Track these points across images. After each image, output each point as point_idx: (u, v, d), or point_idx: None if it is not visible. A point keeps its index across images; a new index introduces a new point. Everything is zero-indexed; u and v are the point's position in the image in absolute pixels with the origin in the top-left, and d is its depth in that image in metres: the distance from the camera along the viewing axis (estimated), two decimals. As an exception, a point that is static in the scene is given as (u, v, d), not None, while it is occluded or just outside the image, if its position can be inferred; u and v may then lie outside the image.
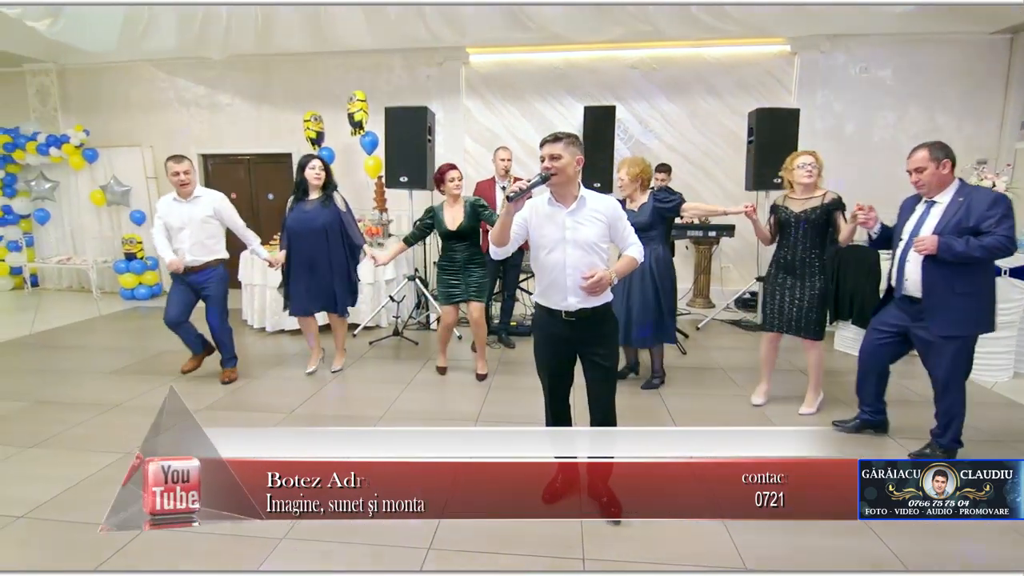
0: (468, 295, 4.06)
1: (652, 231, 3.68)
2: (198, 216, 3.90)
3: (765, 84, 6.60)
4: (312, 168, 4.03)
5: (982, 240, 2.57)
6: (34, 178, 7.75)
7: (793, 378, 4.30)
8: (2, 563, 2.16)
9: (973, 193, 2.69)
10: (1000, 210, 2.58)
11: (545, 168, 2.21)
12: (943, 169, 2.69)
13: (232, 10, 5.46)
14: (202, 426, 3.34)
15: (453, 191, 3.94)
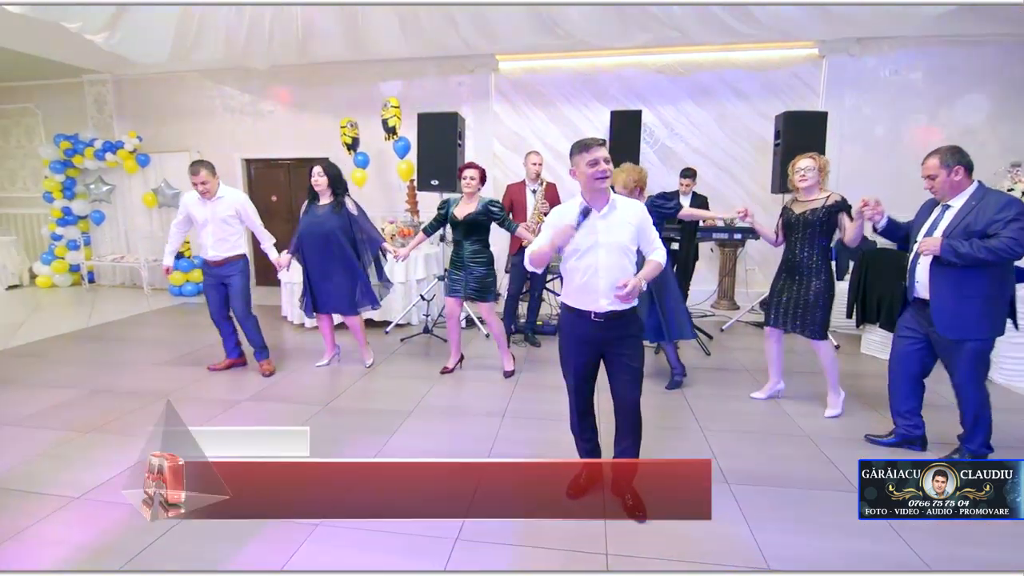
0: (467, 293, 4.08)
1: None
2: (220, 215, 4.04)
3: (792, 87, 6.45)
4: (312, 175, 4.15)
5: (987, 242, 2.49)
6: (92, 181, 8.07)
7: (816, 379, 4.18)
8: (59, 541, 2.26)
9: (987, 196, 2.61)
10: (1009, 213, 2.49)
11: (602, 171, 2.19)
12: (955, 175, 2.63)
13: (275, 22, 5.59)
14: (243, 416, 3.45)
15: (465, 188, 3.95)
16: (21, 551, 2.19)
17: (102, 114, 8.21)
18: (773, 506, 2.47)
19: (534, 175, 4.93)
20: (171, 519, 2.37)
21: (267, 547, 2.20)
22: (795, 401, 3.72)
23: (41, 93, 8.48)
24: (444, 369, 4.36)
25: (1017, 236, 2.45)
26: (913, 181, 2.88)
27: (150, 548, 2.19)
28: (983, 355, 2.71)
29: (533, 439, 3.18)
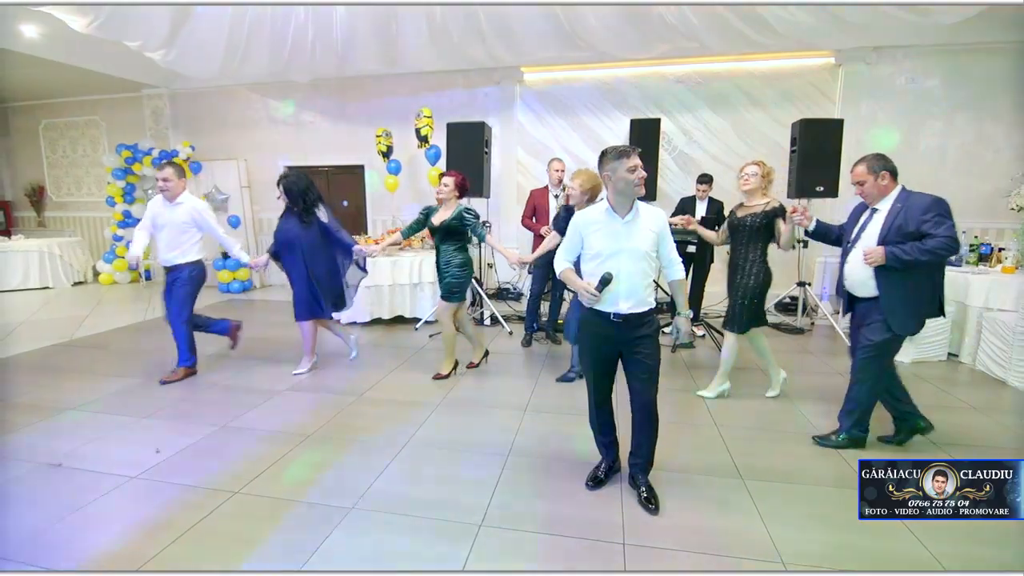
0: (441, 293, 4.05)
1: None
2: (176, 220, 3.93)
3: (808, 95, 6.29)
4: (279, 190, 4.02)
5: (925, 244, 2.57)
6: (149, 187, 8.32)
7: (830, 380, 4.08)
8: (118, 517, 2.33)
9: (910, 198, 2.69)
10: (934, 213, 2.58)
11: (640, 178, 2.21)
12: (881, 180, 2.72)
13: (316, 38, 5.68)
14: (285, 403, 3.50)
15: (437, 195, 3.96)
16: (84, 523, 2.27)
17: (159, 125, 8.47)
18: (787, 502, 2.41)
19: (556, 181, 4.92)
20: (219, 499, 2.44)
21: (304, 527, 2.24)
22: (810, 400, 3.63)
23: (105, 106, 8.79)
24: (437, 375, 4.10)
25: (951, 233, 2.54)
26: (929, 188, 2.78)
27: (199, 525, 2.25)
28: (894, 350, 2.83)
29: (553, 432, 3.16)
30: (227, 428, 3.22)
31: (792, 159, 5.32)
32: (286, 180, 4.01)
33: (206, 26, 5.38)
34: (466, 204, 4.01)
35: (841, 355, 4.72)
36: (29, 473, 2.69)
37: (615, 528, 2.23)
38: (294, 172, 4.11)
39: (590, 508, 2.38)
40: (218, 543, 2.14)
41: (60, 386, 3.92)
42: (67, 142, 9.16)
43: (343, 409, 3.50)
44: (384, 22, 5.51)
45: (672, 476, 2.61)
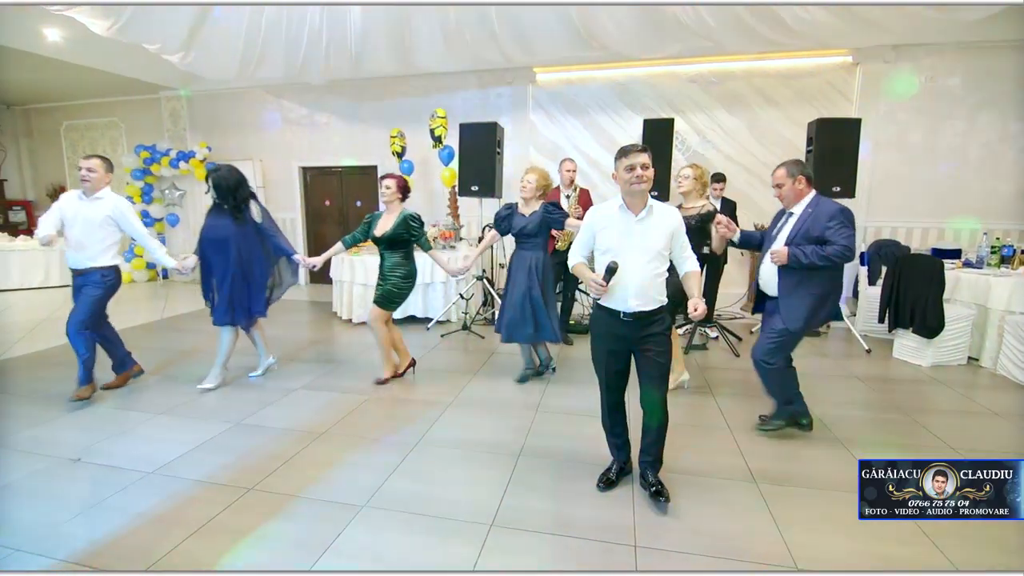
0: (375, 298, 3.87)
1: (537, 238, 3.79)
2: (95, 217, 3.47)
3: (825, 95, 6.20)
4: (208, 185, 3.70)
5: (824, 249, 2.72)
6: (167, 187, 8.47)
7: (849, 384, 4.02)
8: (135, 511, 2.37)
9: (819, 205, 2.84)
10: (837, 221, 2.74)
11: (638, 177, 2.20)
12: (798, 184, 2.86)
13: (330, 40, 5.73)
14: (299, 401, 3.54)
15: (382, 198, 3.79)
16: (102, 517, 2.31)
17: (177, 126, 8.61)
18: (801, 506, 2.38)
19: (568, 181, 4.90)
20: (233, 495, 2.48)
21: (316, 525, 2.26)
22: (827, 404, 3.57)
23: (124, 108, 8.96)
24: (377, 380, 3.95)
25: (848, 243, 2.71)
26: (950, 188, 2.74)
27: (214, 520, 2.28)
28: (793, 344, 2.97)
29: (564, 433, 3.15)
30: (241, 425, 3.26)
31: (808, 159, 5.25)
32: (215, 175, 3.67)
33: (223, 29, 5.45)
34: (410, 210, 3.84)
35: (857, 357, 4.66)
36: (49, 467, 2.75)
37: (626, 530, 2.22)
38: (225, 167, 3.75)
39: (601, 509, 2.37)
40: (232, 538, 2.17)
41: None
42: (87, 143, 9.34)
43: (355, 408, 3.52)
44: (398, 24, 5.54)
45: (684, 478, 2.59)
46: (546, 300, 3.80)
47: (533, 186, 3.75)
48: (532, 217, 3.77)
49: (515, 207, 3.90)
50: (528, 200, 3.80)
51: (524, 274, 3.77)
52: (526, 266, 3.79)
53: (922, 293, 4.33)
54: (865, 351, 4.77)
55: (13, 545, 2.11)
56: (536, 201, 3.81)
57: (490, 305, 6.05)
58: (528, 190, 3.76)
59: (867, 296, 5.33)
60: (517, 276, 3.82)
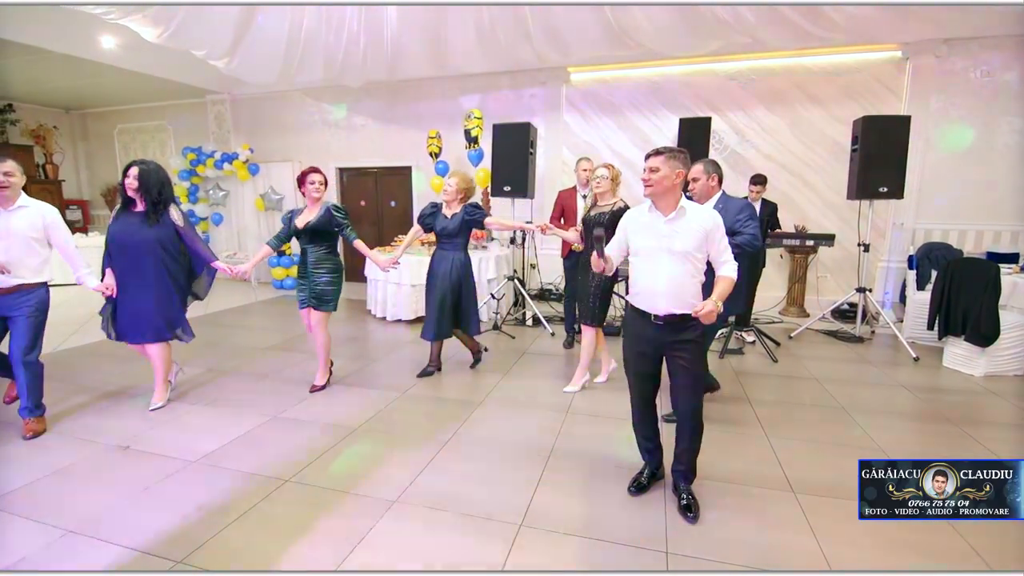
0: (309, 301, 3.66)
1: (457, 238, 3.97)
2: (20, 229, 2.96)
3: (872, 91, 5.96)
4: (128, 176, 3.24)
5: (736, 239, 2.91)
6: (211, 188, 8.79)
7: (890, 392, 3.85)
8: (178, 499, 2.47)
9: (728, 201, 3.13)
10: (745, 214, 3.06)
11: (643, 180, 2.19)
12: (711, 181, 3.13)
13: (368, 44, 5.84)
14: (334, 397, 3.61)
15: (313, 194, 3.59)
16: (148, 504, 2.41)
17: (221, 129, 8.93)
18: (842, 519, 2.29)
19: (584, 181, 4.84)
20: (270, 485, 2.55)
21: (349, 518, 2.30)
22: (869, 413, 3.44)
23: (172, 112, 9.35)
24: (313, 387, 3.81)
25: (755, 232, 3.03)
26: (1005, 188, 2.59)
27: (253, 510, 2.35)
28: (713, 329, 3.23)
29: (595, 434, 3.12)
30: (278, 419, 3.36)
31: (853, 158, 5.06)
32: (143, 166, 3.26)
33: (266, 35, 5.62)
34: (333, 202, 3.72)
35: (904, 365, 4.46)
36: (99, 453, 2.89)
37: (658, 536, 2.18)
38: (153, 162, 3.36)
39: (632, 514, 2.34)
40: (270, 528, 2.23)
41: (129, 373, 4.18)
42: (138, 145, 9.80)
43: (387, 405, 3.58)
44: (433, 25, 5.60)
45: (719, 486, 2.53)
46: (466, 296, 4.04)
47: (454, 190, 3.92)
48: (454, 219, 3.94)
49: (440, 206, 4.05)
50: (450, 203, 3.98)
51: (444, 273, 3.95)
52: (448, 265, 3.96)
53: (976, 299, 4.11)
54: (912, 359, 4.56)
55: (66, 527, 2.23)
56: (458, 204, 3.96)
57: (521, 305, 6.06)
58: (449, 194, 3.93)
59: (915, 301, 5.10)
60: (438, 275, 3.97)
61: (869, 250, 5.26)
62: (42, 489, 2.54)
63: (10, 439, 3.05)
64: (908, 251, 5.77)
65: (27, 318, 3.01)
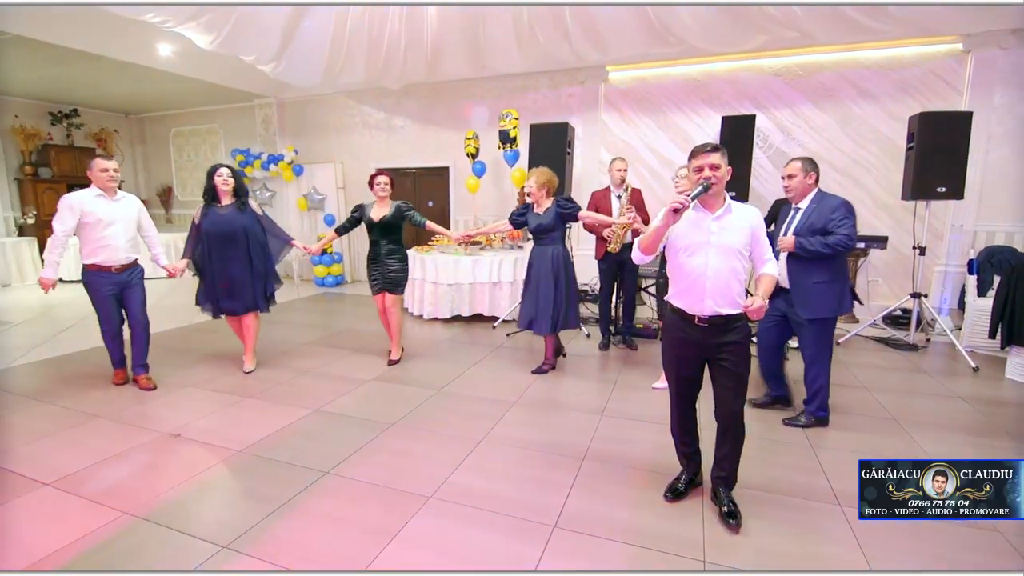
0: (384, 286, 4.26)
1: (554, 232, 4.05)
2: (127, 215, 3.68)
3: (930, 86, 5.66)
4: (220, 176, 3.93)
5: (827, 239, 2.96)
6: (258, 188, 9.11)
7: (951, 405, 3.65)
8: (225, 486, 2.57)
9: (823, 200, 3.08)
10: (840, 213, 2.98)
11: (706, 178, 2.11)
12: (808, 179, 3.09)
13: (409, 46, 5.94)
14: (372, 392, 3.69)
15: (379, 193, 4.18)
16: (197, 489, 2.52)
17: (268, 131, 9.25)
18: (895, 535, 2.18)
19: (619, 181, 4.76)
20: (311, 477, 2.62)
21: (385, 512, 2.34)
22: (921, 425, 3.27)
23: (222, 115, 9.76)
24: (390, 361, 4.42)
25: (849, 232, 2.95)
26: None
27: (294, 500, 2.42)
28: (828, 331, 3.13)
29: (630, 438, 3.08)
30: (320, 412, 3.46)
31: (909, 157, 4.82)
32: (229, 167, 4.00)
33: (311, 39, 5.79)
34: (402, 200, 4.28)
35: (962, 376, 4.22)
36: (153, 440, 3.04)
37: (695, 544, 2.13)
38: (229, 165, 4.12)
39: (668, 520, 2.30)
40: (310, 519, 2.29)
41: (180, 365, 4.39)
42: (191, 148, 10.27)
43: (424, 401, 3.63)
44: (472, 26, 5.65)
45: (760, 495, 2.46)
46: (569, 291, 4.08)
47: (535, 188, 4.01)
48: (547, 214, 4.02)
49: (530, 207, 4.13)
50: (538, 200, 4.05)
51: (547, 268, 4.02)
52: (548, 259, 4.03)
53: (1044, 306, 3.85)
54: (972, 369, 4.31)
55: (122, 508, 2.35)
56: (546, 199, 4.05)
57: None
58: (534, 193, 4.02)
59: (975, 308, 4.81)
60: (541, 270, 4.06)
61: (925, 253, 5.01)
62: (101, 472, 2.69)
63: (73, 426, 3.25)
64: (968, 255, 5.44)
65: (139, 287, 3.79)
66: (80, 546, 2.11)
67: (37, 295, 7.52)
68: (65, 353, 4.74)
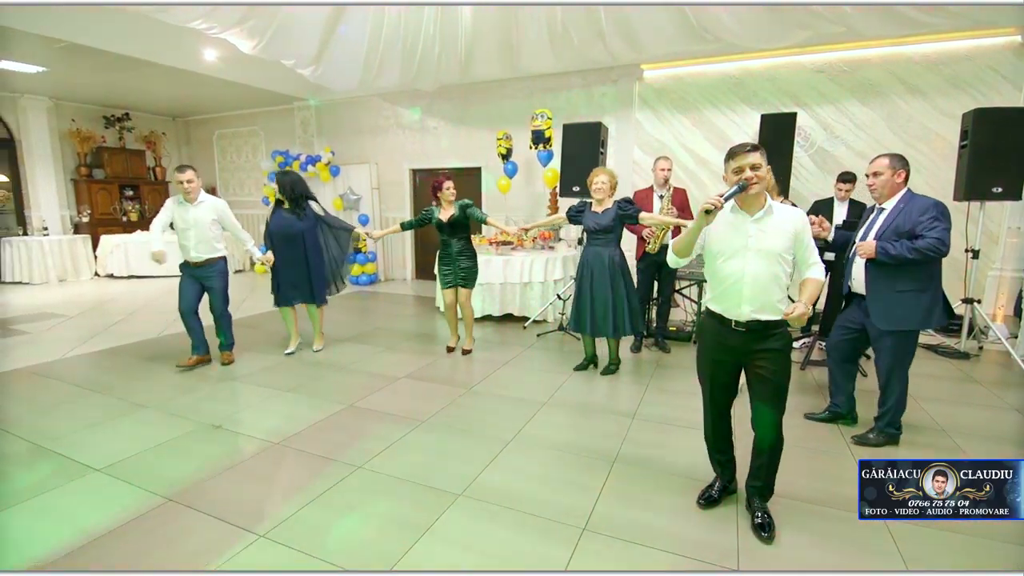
0: (456, 281, 4.51)
1: (611, 234, 3.96)
2: (203, 219, 4.12)
3: (984, 81, 5.37)
4: (276, 184, 4.52)
5: (915, 243, 2.68)
6: (296, 188, 9.35)
7: (1004, 417, 3.46)
8: (262, 477, 2.65)
9: (912, 200, 2.80)
10: (931, 215, 2.69)
11: (746, 178, 2.04)
12: (897, 178, 2.83)
13: (442, 48, 6.00)
14: (403, 390, 3.73)
15: (448, 198, 4.44)
16: (237, 479, 2.61)
17: (306, 133, 9.49)
18: (941, 551, 2.08)
19: (662, 181, 4.69)
20: (345, 470, 2.68)
21: (416, 507, 2.37)
22: (972, 437, 3.11)
23: (263, 118, 10.06)
24: (449, 348, 4.77)
25: (941, 236, 2.65)
26: None
27: (328, 493, 2.48)
28: (909, 345, 2.85)
29: (662, 442, 3.03)
30: (353, 407, 3.52)
31: (962, 155, 4.59)
32: (279, 175, 4.52)
33: (348, 44, 5.91)
34: (465, 200, 4.49)
35: (1018, 386, 3.99)
36: (195, 431, 3.16)
37: (728, 552, 2.08)
38: (288, 171, 4.61)
39: (701, 528, 2.25)
40: (343, 512, 2.34)
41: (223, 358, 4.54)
42: (234, 149, 10.62)
43: (454, 400, 3.66)
44: (506, 26, 5.66)
45: (799, 505, 2.38)
46: (628, 295, 4.01)
47: (607, 186, 3.96)
48: (606, 214, 3.96)
49: (588, 205, 4.07)
50: (602, 200, 3.99)
51: (603, 270, 3.97)
52: (603, 263, 3.97)
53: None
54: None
55: (166, 495, 2.45)
56: (609, 199, 4.00)
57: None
58: (603, 191, 3.95)
59: None
60: (596, 271, 4.00)
61: (979, 257, 4.76)
62: (148, 460, 2.81)
63: (123, 415, 3.40)
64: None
65: (217, 284, 4.25)
66: (127, 529, 2.21)
67: (91, 289, 7.92)
68: (116, 345, 4.97)
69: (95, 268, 9.22)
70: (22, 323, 5.83)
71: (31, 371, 4.24)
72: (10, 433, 3.11)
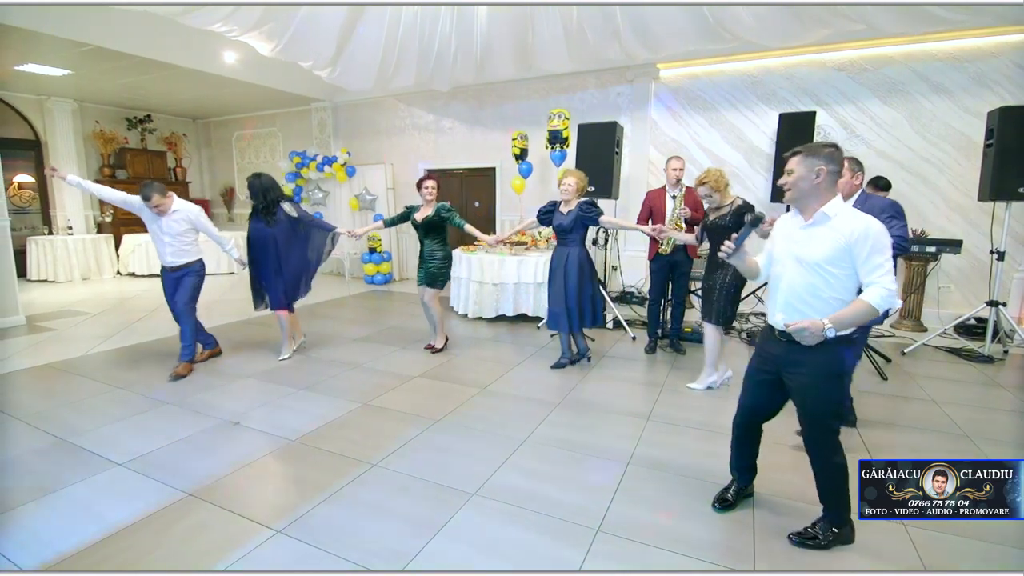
0: (424, 281, 4.59)
1: (573, 234, 4.15)
2: (176, 228, 4.09)
3: (1011, 78, 5.24)
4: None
5: None
6: (312, 189, 9.47)
7: (1010, 418, 3.37)
8: (279, 472, 2.69)
9: (870, 199, 2.98)
10: (887, 214, 2.84)
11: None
12: (855, 179, 3.01)
13: (458, 48, 6.03)
14: (418, 388, 3.75)
15: (426, 196, 4.47)
16: (254, 474, 2.65)
17: (323, 134, 9.60)
18: (957, 556, 2.04)
19: (674, 180, 4.65)
20: (360, 468, 2.70)
21: (431, 506, 2.39)
22: (994, 443, 3.04)
23: (281, 119, 10.19)
24: (429, 346, 4.79)
25: (901, 232, 2.82)
26: None
27: (343, 490, 2.50)
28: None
29: (676, 444, 3.01)
30: (368, 406, 3.56)
31: (987, 155, 4.49)
32: (250, 178, 4.35)
33: (365, 45, 5.97)
34: (443, 203, 4.53)
35: None
36: (215, 427, 3.21)
37: (744, 555, 2.06)
38: (260, 174, 4.37)
39: (717, 531, 2.23)
40: (358, 509, 2.37)
41: (241, 356, 4.61)
42: (252, 150, 10.78)
43: (468, 399, 3.67)
44: (521, 26, 5.66)
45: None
46: (584, 290, 4.15)
47: (573, 188, 4.12)
48: (568, 215, 4.14)
49: (558, 204, 4.25)
50: (568, 200, 4.16)
51: (563, 268, 4.15)
52: (564, 261, 4.16)
53: None
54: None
55: (186, 490, 2.50)
56: (575, 201, 4.15)
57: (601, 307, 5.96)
58: (569, 192, 4.12)
59: None
60: (557, 271, 4.21)
61: (1004, 258, 4.65)
62: (168, 455, 2.86)
63: (144, 411, 3.47)
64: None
65: (186, 283, 4.20)
66: (148, 522, 2.26)
67: (113, 287, 8.10)
68: (137, 343, 5.08)
69: (117, 267, 9.43)
70: (48, 320, 5.98)
71: (57, 367, 4.35)
72: (37, 428, 3.19)
